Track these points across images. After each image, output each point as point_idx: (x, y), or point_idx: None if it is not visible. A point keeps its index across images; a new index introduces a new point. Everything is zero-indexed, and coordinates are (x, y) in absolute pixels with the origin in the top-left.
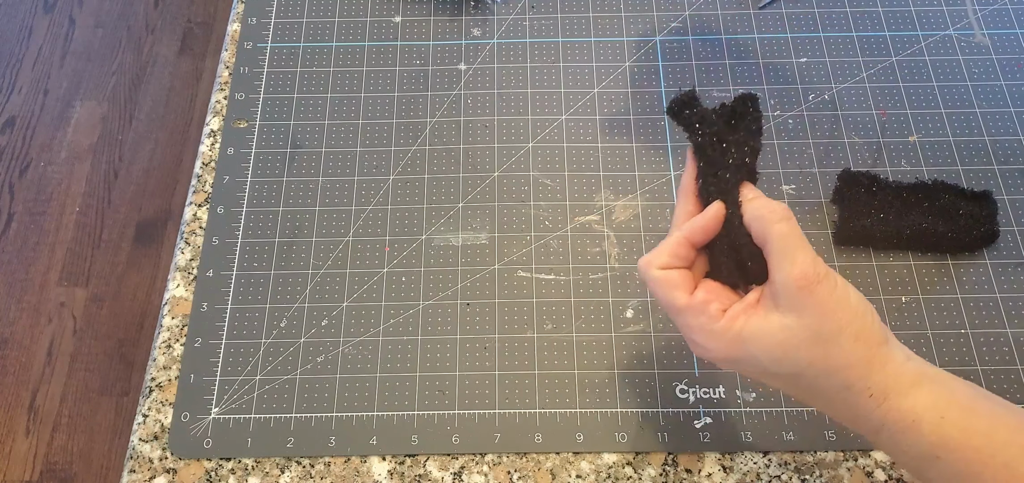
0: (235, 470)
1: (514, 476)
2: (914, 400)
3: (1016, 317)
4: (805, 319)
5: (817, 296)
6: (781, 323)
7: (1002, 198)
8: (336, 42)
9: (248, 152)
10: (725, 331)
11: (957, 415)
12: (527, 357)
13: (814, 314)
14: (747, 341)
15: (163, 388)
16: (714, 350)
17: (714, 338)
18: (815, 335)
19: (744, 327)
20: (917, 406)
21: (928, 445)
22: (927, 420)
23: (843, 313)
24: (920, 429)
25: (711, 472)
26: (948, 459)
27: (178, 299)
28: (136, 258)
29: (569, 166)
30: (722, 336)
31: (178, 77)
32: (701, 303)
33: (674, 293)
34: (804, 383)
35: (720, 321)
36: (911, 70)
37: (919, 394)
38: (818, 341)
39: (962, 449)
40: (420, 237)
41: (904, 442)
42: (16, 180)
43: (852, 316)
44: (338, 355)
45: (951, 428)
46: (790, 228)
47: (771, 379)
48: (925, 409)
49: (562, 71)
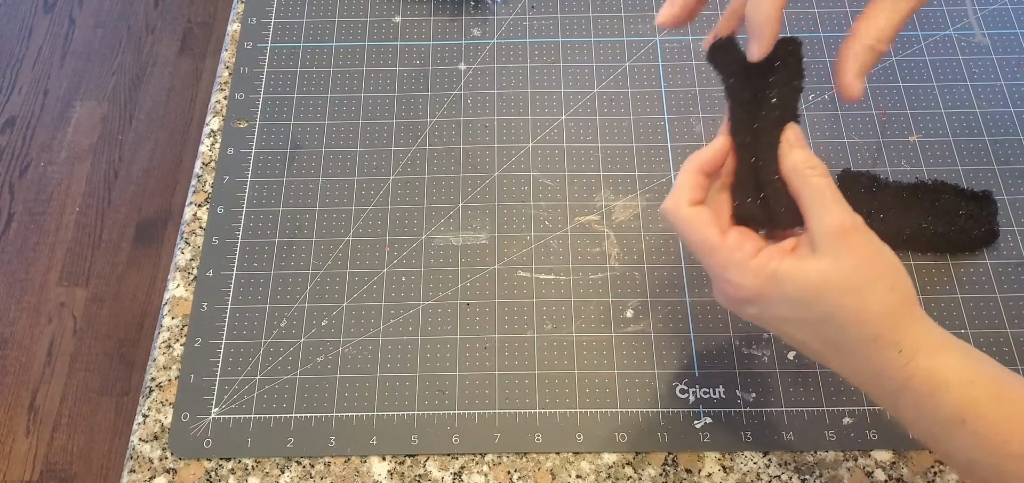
0: (235, 470)
1: (514, 476)
2: (944, 362)
3: (1016, 317)
4: (842, 264)
5: (854, 242)
6: (817, 267)
7: (1002, 198)
8: (336, 42)
9: (248, 152)
10: (761, 268)
11: (986, 382)
12: (527, 357)
13: (851, 260)
14: (782, 280)
15: (163, 388)
16: (747, 288)
17: (749, 274)
18: (850, 280)
19: (779, 267)
20: (946, 368)
21: (954, 408)
22: (955, 383)
23: (879, 263)
24: (947, 391)
25: (711, 472)
26: (975, 425)
27: (178, 299)
28: (136, 258)
29: (569, 166)
30: (758, 273)
31: (178, 77)
32: (737, 240)
33: (708, 231)
34: (830, 331)
35: (756, 259)
36: (911, 70)
37: (948, 357)
38: (853, 287)
39: (991, 416)
40: (420, 237)
41: (928, 405)
42: (16, 180)
43: (888, 268)
44: (338, 355)
45: (980, 393)
46: (828, 182)
47: (796, 327)
48: (954, 372)
49: (562, 71)
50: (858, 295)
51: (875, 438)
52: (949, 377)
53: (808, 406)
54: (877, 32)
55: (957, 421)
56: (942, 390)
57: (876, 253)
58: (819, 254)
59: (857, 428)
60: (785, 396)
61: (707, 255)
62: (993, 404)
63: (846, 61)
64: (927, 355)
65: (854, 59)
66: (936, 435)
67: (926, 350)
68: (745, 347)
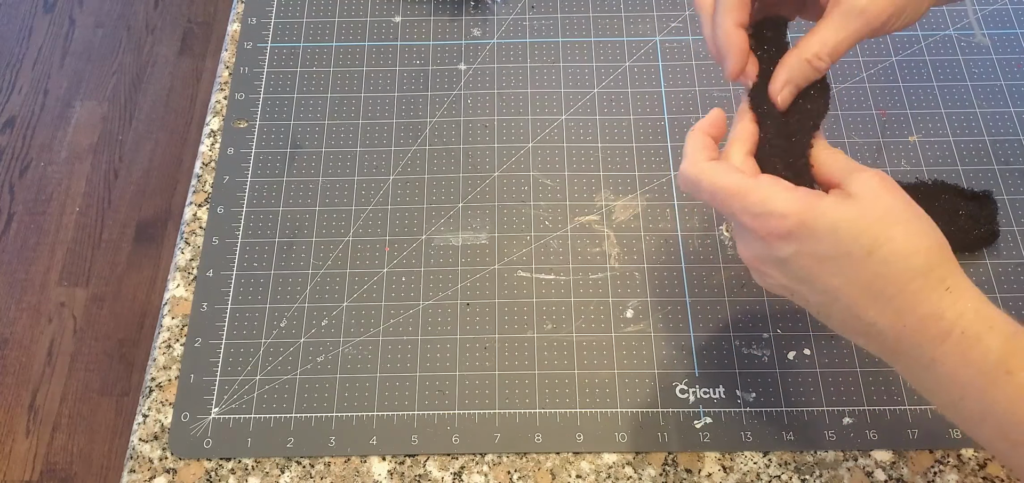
0: (235, 470)
1: (514, 476)
2: (989, 307)
3: (1016, 317)
4: (884, 199)
5: (891, 183)
6: (861, 201)
7: (1002, 198)
8: (336, 42)
9: (248, 152)
10: (803, 198)
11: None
12: (527, 357)
13: (891, 196)
14: (827, 209)
15: (163, 388)
16: (790, 215)
17: (790, 202)
18: (894, 213)
19: (822, 199)
20: (992, 313)
21: (1000, 357)
22: (1002, 330)
23: (916, 205)
24: (994, 337)
25: (711, 472)
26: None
27: (178, 299)
28: (136, 258)
29: (569, 166)
30: (800, 201)
31: (178, 77)
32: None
33: (735, 175)
34: (874, 267)
35: (796, 191)
36: (911, 70)
37: (990, 305)
38: (898, 220)
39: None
40: (420, 237)
41: (975, 351)
42: (16, 180)
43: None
44: (338, 355)
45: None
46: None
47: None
48: (999, 319)
49: (562, 71)
50: (904, 226)
51: (875, 438)
52: (996, 322)
53: (808, 406)
54: (817, 47)
55: (1003, 370)
56: (991, 334)
57: (911, 198)
58: (858, 195)
59: (857, 428)
60: (785, 396)
61: (741, 197)
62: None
63: (779, 68)
64: (974, 297)
65: (785, 69)
66: (976, 388)
67: (971, 292)
68: (745, 347)
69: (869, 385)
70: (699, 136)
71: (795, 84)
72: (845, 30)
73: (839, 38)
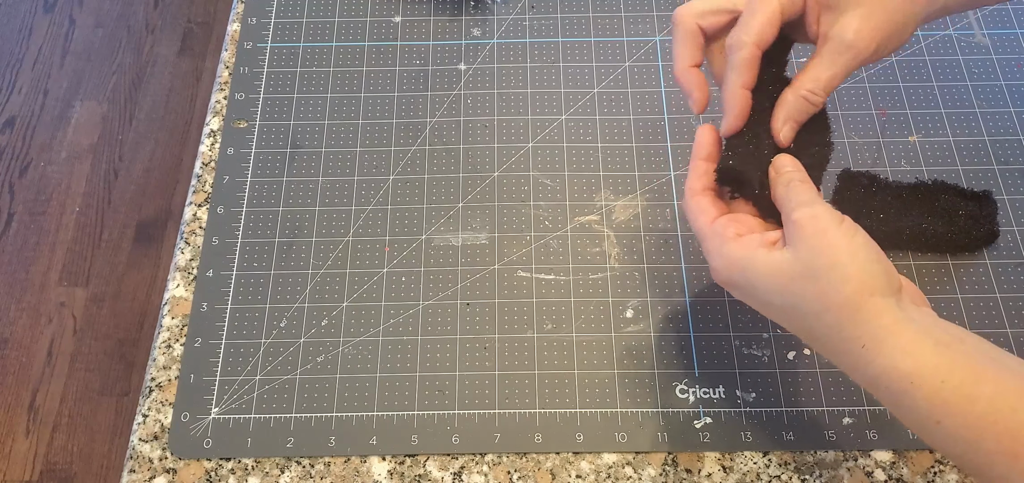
0: (235, 470)
1: (514, 476)
2: (914, 361)
3: (1016, 317)
4: (800, 253)
5: (809, 230)
6: (782, 256)
7: (1002, 198)
8: (336, 42)
9: (248, 152)
10: (730, 254)
11: (960, 380)
12: (527, 357)
13: (808, 249)
14: (746, 269)
15: (163, 388)
16: (718, 270)
17: (723, 257)
18: (807, 269)
19: (747, 255)
20: (916, 369)
21: (927, 409)
22: (927, 385)
23: (839, 253)
24: (919, 393)
25: (711, 472)
26: (948, 424)
27: (178, 299)
28: (136, 258)
29: (569, 166)
30: (731, 256)
31: (178, 77)
32: (721, 226)
33: (700, 219)
34: (799, 320)
35: (730, 244)
36: (911, 70)
37: (919, 355)
38: (809, 276)
39: (963, 415)
40: (420, 237)
41: (902, 404)
42: (16, 180)
43: (849, 258)
44: (338, 355)
45: (952, 395)
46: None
47: (775, 313)
48: (925, 370)
49: (562, 71)
50: (814, 284)
51: (875, 438)
52: (922, 375)
53: (808, 406)
54: (812, 83)
55: (932, 421)
56: (914, 390)
57: (836, 242)
58: (787, 245)
59: (857, 428)
60: (785, 396)
61: (699, 240)
62: (965, 404)
63: (777, 107)
64: (893, 353)
65: (783, 106)
66: (915, 429)
67: (891, 347)
68: (745, 347)
69: None
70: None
71: (794, 120)
72: (835, 65)
73: (831, 73)
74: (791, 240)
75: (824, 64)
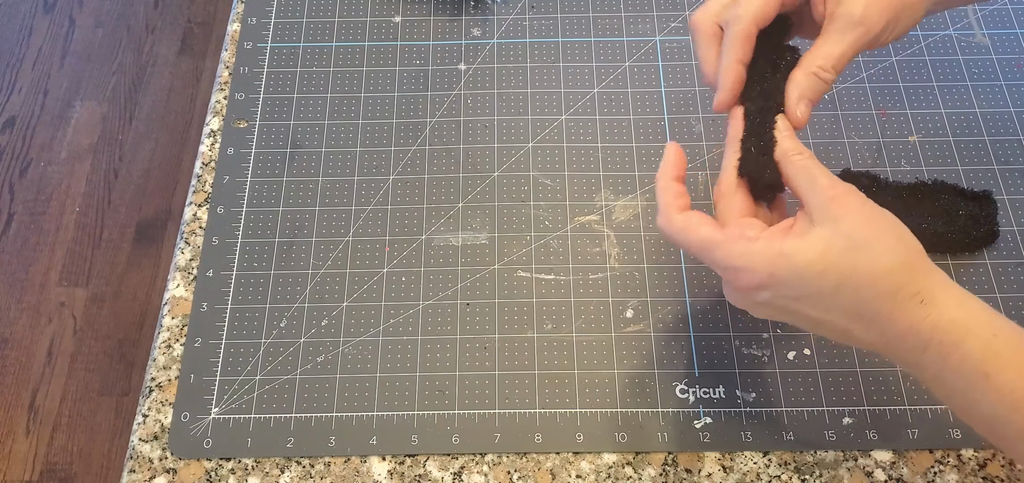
0: (235, 470)
1: (514, 476)
2: (967, 312)
3: (1016, 317)
4: (842, 226)
5: (849, 204)
6: (819, 234)
7: (1002, 198)
8: (336, 42)
9: (248, 152)
10: (766, 249)
11: (1010, 335)
12: (527, 357)
13: (850, 220)
14: (790, 254)
15: (163, 388)
16: (758, 271)
17: (755, 257)
18: (854, 239)
19: (784, 243)
20: (970, 319)
21: (978, 361)
22: (979, 335)
23: (879, 220)
24: (972, 342)
25: (711, 472)
26: (998, 379)
27: (178, 299)
28: (136, 258)
29: (569, 166)
30: (764, 253)
31: (178, 77)
32: (738, 228)
33: (705, 229)
34: (847, 298)
35: (759, 241)
36: (911, 70)
37: (970, 307)
38: (859, 246)
39: (1014, 369)
40: (420, 237)
41: (953, 357)
42: (16, 180)
43: (890, 223)
44: (338, 355)
45: (1003, 347)
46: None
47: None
48: (978, 323)
49: (562, 71)
50: (866, 252)
51: (875, 438)
52: (973, 328)
53: (808, 406)
54: (822, 60)
55: (981, 374)
56: (967, 342)
57: (874, 211)
58: (818, 224)
59: (857, 428)
60: (785, 396)
61: (711, 251)
62: (1016, 359)
63: (789, 87)
64: (949, 305)
65: (795, 86)
66: (959, 390)
67: (947, 298)
68: (745, 347)
69: (869, 385)
70: (667, 184)
71: (808, 99)
72: (844, 42)
73: (841, 50)
74: (824, 218)
75: (833, 41)
